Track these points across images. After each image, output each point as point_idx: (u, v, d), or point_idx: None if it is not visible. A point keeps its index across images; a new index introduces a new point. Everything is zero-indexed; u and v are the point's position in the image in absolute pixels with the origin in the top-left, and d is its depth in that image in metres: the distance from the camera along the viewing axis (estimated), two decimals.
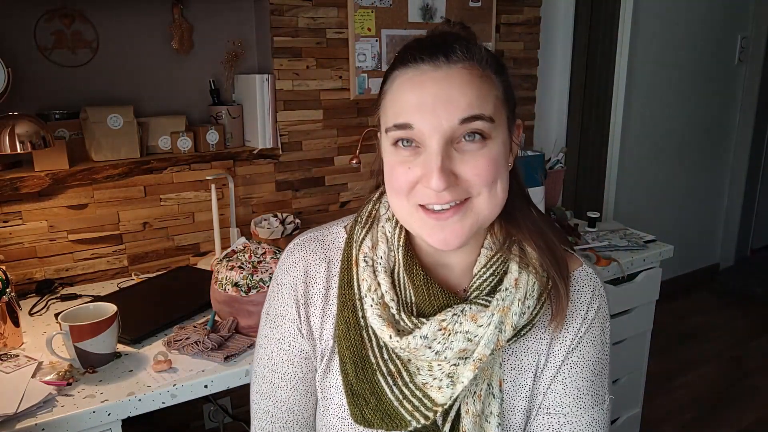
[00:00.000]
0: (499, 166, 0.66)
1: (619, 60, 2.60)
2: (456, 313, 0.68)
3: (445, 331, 0.67)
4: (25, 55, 1.56)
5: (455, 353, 0.67)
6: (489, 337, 0.67)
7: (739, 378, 2.61)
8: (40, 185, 1.54)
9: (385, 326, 0.69)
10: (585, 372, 0.75)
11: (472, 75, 0.64)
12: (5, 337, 1.26)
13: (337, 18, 1.92)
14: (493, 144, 0.65)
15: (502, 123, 0.67)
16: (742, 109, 3.48)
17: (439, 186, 0.62)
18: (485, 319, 0.67)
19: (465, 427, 0.70)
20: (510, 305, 0.68)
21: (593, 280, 0.78)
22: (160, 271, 1.76)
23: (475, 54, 0.65)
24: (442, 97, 0.62)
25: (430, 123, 0.62)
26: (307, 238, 0.80)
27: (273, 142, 1.86)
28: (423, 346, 0.67)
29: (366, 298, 0.71)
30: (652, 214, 3.12)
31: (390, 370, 0.71)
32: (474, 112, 0.63)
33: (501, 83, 0.67)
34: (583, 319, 0.75)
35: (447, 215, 0.65)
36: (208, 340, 1.25)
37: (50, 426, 1.03)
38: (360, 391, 0.72)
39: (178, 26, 1.73)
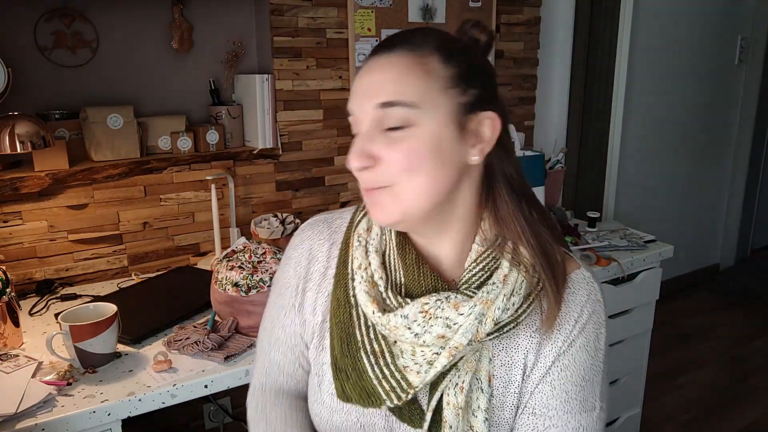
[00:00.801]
0: (420, 154, 0.66)
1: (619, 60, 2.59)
2: (440, 299, 0.70)
3: (426, 315, 0.69)
4: (25, 55, 1.56)
5: (434, 338, 0.69)
6: (467, 327, 0.68)
7: (739, 378, 2.61)
8: (40, 185, 1.54)
9: (370, 302, 0.72)
10: (575, 376, 0.74)
11: (401, 63, 0.66)
12: (5, 337, 1.26)
13: (337, 18, 1.92)
14: (417, 131, 0.65)
15: (437, 112, 0.66)
16: (742, 110, 3.48)
17: (351, 164, 0.67)
18: (467, 308, 0.68)
19: (446, 418, 0.71)
20: (494, 299, 0.69)
21: (589, 283, 0.76)
22: (160, 271, 1.76)
23: (417, 44, 0.67)
24: (370, 83, 0.67)
25: (359, 108, 0.68)
26: (317, 220, 0.87)
27: (273, 142, 1.86)
28: (403, 326, 0.69)
29: (356, 275, 0.75)
30: (652, 214, 3.12)
31: (374, 349, 0.73)
32: (392, 98, 0.65)
33: (447, 72, 0.66)
34: (575, 322, 0.74)
35: (374, 193, 0.69)
36: (208, 340, 1.25)
37: (50, 426, 1.03)
38: (343, 367, 0.75)
39: (178, 26, 1.73)
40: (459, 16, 2.14)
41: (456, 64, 0.67)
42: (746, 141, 3.55)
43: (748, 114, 3.50)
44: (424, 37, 0.68)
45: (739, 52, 3.33)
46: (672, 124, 3.14)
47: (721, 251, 3.71)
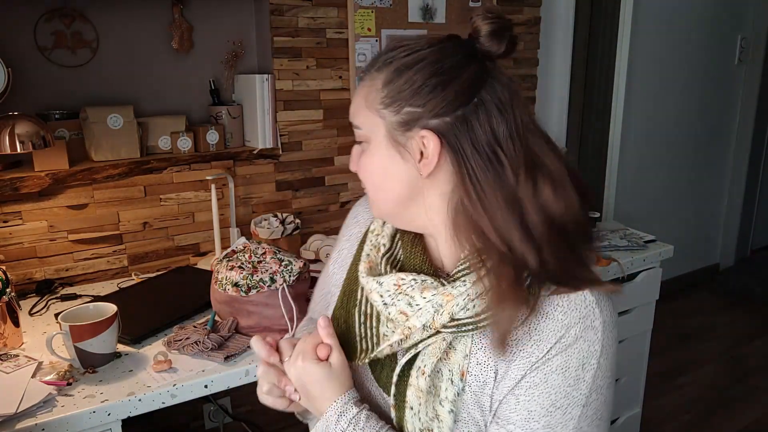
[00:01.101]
0: (371, 170, 0.74)
1: (619, 60, 2.59)
2: (416, 279, 0.73)
3: (398, 288, 0.72)
4: (25, 55, 1.56)
5: (397, 312, 0.72)
6: (424, 311, 0.70)
7: (739, 378, 2.61)
8: (40, 185, 1.54)
9: (365, 263, 0.79)
10: (542, 398, 0.68)
11: (363, 86, 0.74)
12: (5, 337, 1.26)
13: (337, 18, 1.92)
14: (371, 150, 0.74)
15: (377, 131, 0.72)
16: (742, 109, 3.48)
17: (351, 166, 0.79)
18: (430, 294, 0.70)
19: (408, 398, 0.73)
20: (456, 295, 0.69)
21: (588, 307, 0.69)
22: (160, 271, 1.76)
23: (380, 63, 0.72)
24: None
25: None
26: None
27: (273, 142, 1.86)
28: (376, 291, 0.74)
29: (369, 237, 0.83)
30: (652, 214, 3.12)
31: (366, 310, 0.79)
32: (352, 119, 0.75)
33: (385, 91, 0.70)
34: (556, 341, 0.68)
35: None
36: (208, 340, 1.25)
37: (50, 426, 1.03)
38: (337, 316, 0.83)
39: (178, 26, 1.73)
40: (459, 16, 2.14)
41: (397, 83, 0.69)
42: (746, 141, 3.55)
43: (748, 114, 3.50)
44: (387, 56, 0.72)
45: (739, 52, 3.33)
46: (672, 124, 3.14)
47: (721, 251, 3.71)
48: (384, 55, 0.73)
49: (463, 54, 0.70)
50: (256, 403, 0.81)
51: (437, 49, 0.70)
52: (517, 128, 0.69)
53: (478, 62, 0.70)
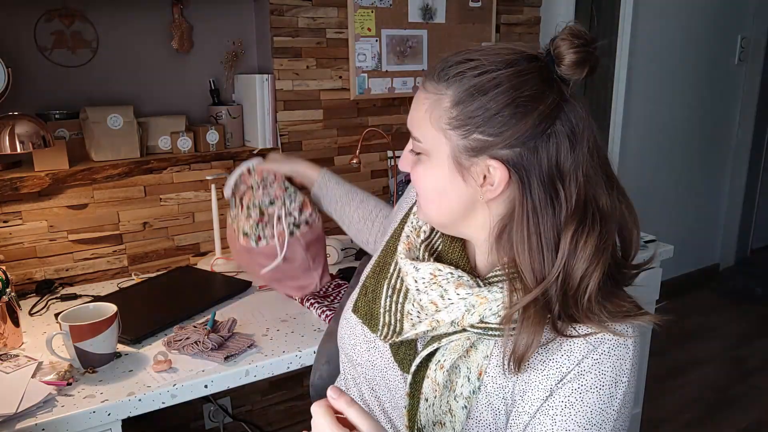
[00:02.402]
0: (426, 184, 0.73)
1: (619, 60, 2.59)
2: (452, 272, 0.72)
3: (434, 278, 0.73)
4: (25, 55, 1.56)
5: (428, 301, 0.73)
6: (454, 309, 0.70)
7: (739, 378, 2.61)
8: (40, 185, 1.54)
9: (405, 243, 0.80)
10: (579, 416, 0.67)
11: (426, 99, 0.70)
12: (5, 337, 1.26)
13: (337, 18, 1.92)
14: (430, 164, 0.71)
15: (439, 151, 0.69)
16: (742, 109, 3.48)
17: (401, 166, 0.77)
18: (464, 292, 0.70)
19: (424, 390, 0.75)
20: (491, 300, 0.68)
21: (618, 340, 0.71)
22: (160, 271, 1.76)
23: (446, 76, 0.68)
24: (411, 110, 0.73)
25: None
26: None
27: (273, 142, 1.86)
28: (411, 276, 0.75)
29: (411, 217, 0.84)
30: (652, 214, 3.12)
31: (395, 284, 0.81)
32: (413, 132, 0.73)
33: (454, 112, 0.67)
34: (587, 355, 0.68)
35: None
36: (208, 340, 1.25)
37: (50, 426, 1.03)
38: (367, 284, 0.85)
39: (178, 26, 1.73)
40: (459, 16, 2.14)
41: (468, 107, 0.66)
42: (746, 141, 3.55)
43: (748, 114, 3.50)
44: (457, 69, 0.67)
45: (739, 51, 3.33)
46: (672, 124, 3.14)
47: (721, 251, 3.71)
48: (453, 67, 0.68)
49: (541, 79, 0.66)
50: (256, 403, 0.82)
51: (514, 73, 0.65)
52: (583, 164, 0.67)
53: (556, 90, 0.66)
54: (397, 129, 2.10)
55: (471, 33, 2.20)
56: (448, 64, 0.69)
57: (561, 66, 0.66)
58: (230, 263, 1.76)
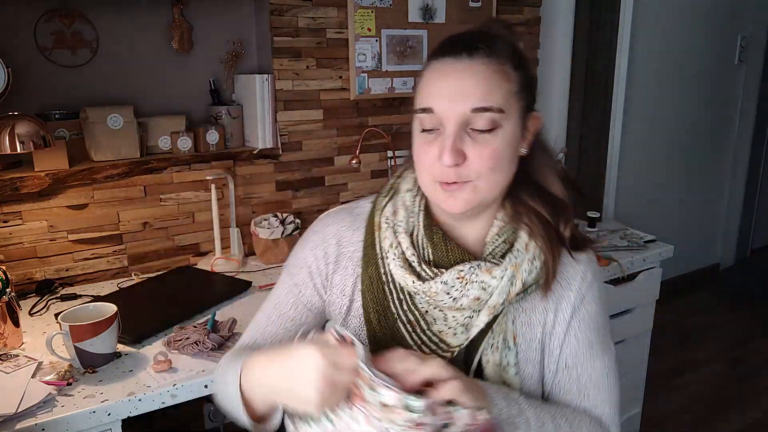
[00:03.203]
0: (502, 154, 0.75)
1: (619, 60, 2.59)
2: (473, 266, 0.77)
3: (462, 280, 0.77)
4: (25, 55, 1.56)
5: (470, 301, 0.77)
6: (502, 288, 0.77)
7: (739, 378, 2.61)
8: (40, 185, 1.54)
9: (408, 274, 0.79)
10: (592, 325, 0.85)
11: (488, 69, 0.73)
12: (5, 337, 1.26)
13: (337, 18, 1.92)
14: (501, 132, 0.74)
15: (513, 114, 0.75)
16: (742, 109, 3.48)
17: (448, 161, 0.73)
18: (499, 272, 0.77)
19: (488, 374, 0.80)
20: (521, 263, 0.78)
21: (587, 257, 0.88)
22: (160, 271, 1.76)
23: (494, 51, 0.74)
24: (459, 87, 0.73)
25: (447, 109, 0.73)
26: (338, 209, 0.93)
27: (273, 142, 1.86)
28: (442, 291, 0.77)
29: (388, 254, 0.81)
30: (652, 214, 3.12)
31: (409, 319, 0.81)
32: (485, 104, 0.72)
33: (518, 77, 0.76)
34: (582, 280, 0.85)
35: (454, 188, 0.76)
36: (208, 340, 1.25)
37: (50, 426, 1.03)
38: (383, 338, 0.82)
39: (178, 26, 1.73)
40: (459, 16, 2.14)
41: (523, 70, 0.77)
42: (746, 141, 3.54)
43: (748, 114, 3.50)
44: (499, 43, 0.76)
45: (739, 51, 3.32)
46: (672, 123, 3.14)
47: (721, 251, 3.71)
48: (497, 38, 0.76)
49: None
50: None
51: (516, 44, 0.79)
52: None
53: None
54: (397, 129, 2.10)
55: None
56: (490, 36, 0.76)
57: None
58: (230, 263, 1.76)
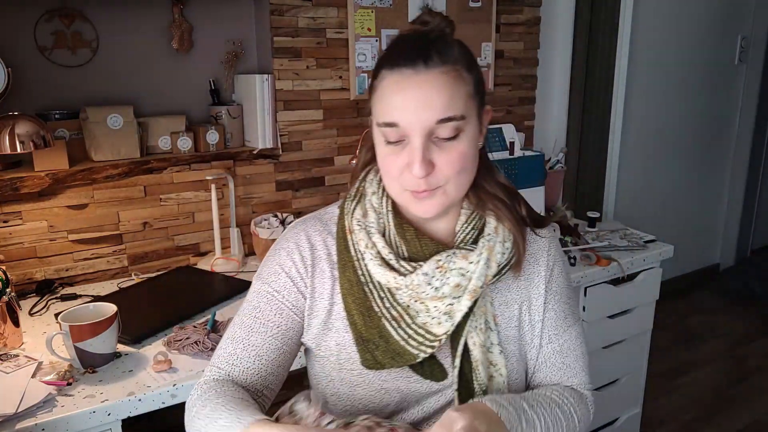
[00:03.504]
0: (467, 155, 0.78)
1: (619, 60, 2.59)
2: (449, 254, 0.81)
3: (441, 269, 0.80)
4: (25, 55, 1.56)
5: (451, 288, 0.80)
6: (480, 272, 0.80)
7: (740, 378, 2.61)
8: (40, 185, 1.54)
9: (387, 271, 0.80)
10: (564, 297, 0.92)
11: (446, 78, 0.74)
12: (5, 337, 1.26)
13: (337, 18, 1.92)
14: (464, 136, 0.77)
15: (473, 115, 0.78)
16: (742, 109, 3.48)
17: (419, 173, 0.75)
18: (475, 257, 0.81)
19: (474, 356, 0.84)
20: (494, 246, 0.82)
21: (550, 230, 0.94)
22: (160, 271, 1.76)
23: (448, 55, 0.75)
24: (422, 100, 0.74)
25: (411, 122, 0.74)
26: (307, 217, 0.93)
27: (273, 142, 1.86)
28: (424, 282, 0.79)
29: (365, 254, 0.83)
30: (652, 214, 3.12)
31: (393, 315, 0.83)
32: (449, 114, 0.74)
33: (472, 78, 0.78)
34: (547, 256, 0.91)
35: (424, 195, 0.78)
36: (208, 340, 1.25)
37: (50, 426, 1.03)
38: (369, 337, 0.83)
39: (178, 26, 1.73)
40: (459, 17, 2.14)
41: (474, 68, 0.78)
42: (746, 141, 3.54)
43: (748, 114, 3.50)
44: (450, 45, 0.77)
45: (739, 52, 3.33)
46: (672, 124, 3.14)
47: (721, 251, 3.71)
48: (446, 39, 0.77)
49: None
50: None
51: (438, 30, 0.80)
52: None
53: None
54: None
55: (471, 33, 2.20)
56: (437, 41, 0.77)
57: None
58: (230, 263, 1.76)
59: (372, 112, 0.80)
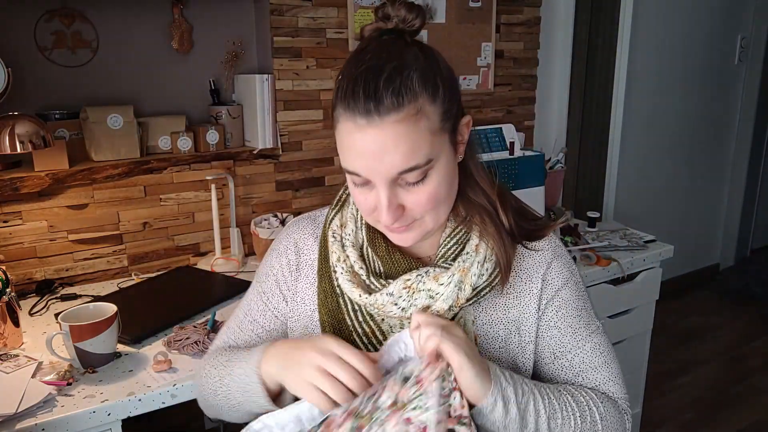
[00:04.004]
0: (440, 190, 0.72)
1: (619, 60, 2.59)
2: (420, 274, 0.77)
3: (409, 290, 0.76)
4: (25, 55, 1.56)
5: (419, 310, 0.75)
6: (448, 294, 0.75)
7: (739, 378, 2.61)
8: (40, 185, 1.54)
9: (354, 287, 0.78)
10: (571, 311, 0.84)
11: (403, 127, 0.67)
12: (5, 337, 1.26)
13: (337, 18, 1.92)
14: (433, 174, 0.71)
15: (442, 149, 0.71)
16: (742, 110, 3.48)
17: (388, 221, 0.72)
18: (446, 278, 0.76)
19: None
20: (470, 267, 0.76)
21: (553, 239, 0.87)
22: (160, 271, 1.76)
23: (406, 95, 0.67)
24: (378, 153, 0.68)
25: (372, 173, 0.69)
26: (303, 217, 0.93)
27: (273, 142, 1.86)
28: (389, 302, 0.76)
29: (336, 267, 0.81)
30: (652, 214, 3.12)
31: (365, 330, 0.80)
32: (410, 164, 0.68)
33: (437, 106, 0.69)
34: (543, 271, 0.84)
35: (399, 230, 0.75)
36: (208, 340, 1.25)
37: (50, 426, 1.03)
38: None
39: (178, 26, 1.73)
40: (459, 16, 2.14)
41: (440, 92, 0.70)
42: (746, 141, 3.54)
43: (748, 114, 3.50)
44: (406, 80, 0.67)
45: (739, 51, 3.33)
46: (672, 123, 3.14)
47: (721, 251, 3.71)
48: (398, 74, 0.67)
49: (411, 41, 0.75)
50: None
51: (417, 48, 0.72)
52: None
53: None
54: None
55: (471, 33, 2.20)
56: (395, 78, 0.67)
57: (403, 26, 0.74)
58: (230, 263, 1.76)
59: (336, 139, 0.74)
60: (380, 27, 0.74)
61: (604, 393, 0.83)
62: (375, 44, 0.72)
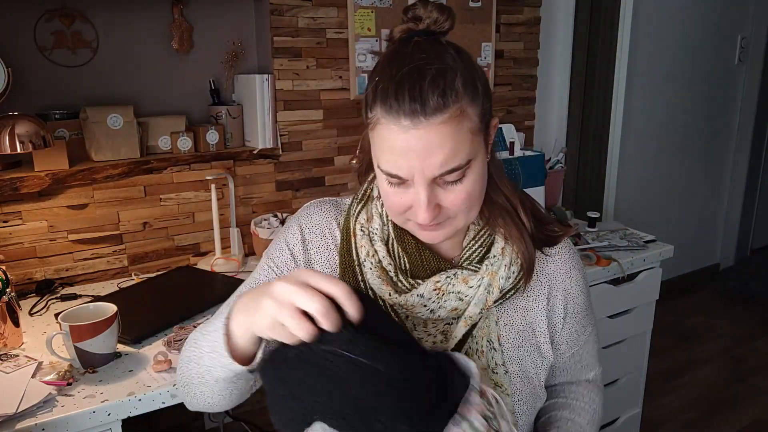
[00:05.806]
0: (475, 190, 0.73)
1: (619, 60, 2.59)
2: (449, 276, 0.77)
3: (439, 291, 0.77)
4: (25, 55, 1.56)
5: (448, 312, 0.77)
6: (479, 298, 0.77)
7: (739, 378, 2.61)
8: (40, 185, 1.54)
9: (384, 285, 0.78)
10: (581, 313, 0.90)
11: (449, 127, 0.67)
12: (5, 337, 1.26)
13: (337, 18, 1.92)
14: (471, 174, 0.71)
15: (480, 149, 0.72)
16: (742, 109, 3.48)
17: (426, 220, 0.71)
18: (476, 281, 0.77)
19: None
20: (497, 270, 0.78)
21: (568, 244, 0.90)
22: (160, 271, 1.76)
23: (450, 96, 0.67)
24: (423, 153, 0.67)
25: (414, 173, 0.69)
26: (325, 200, 0.91)
27: (273, 142, 1.86)
28: (419, 304, 0.76)
29: (365, 263, 0.80)
30: (652, 214, 3.12)
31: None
32: (452, 165, 0.69)
33: (476, 108, 0.70)
34: (565, 275, 0.87)
35: (432, 227, 0.74)
36: None
37: (50, 426, 1.03)
38: None
39: (178, 26, 1.73)
40: (459, 16, 2.13)
41: (480, 93, 0.71)
42: (746, 141, 3.54)
43: (748, 114, 3.50)
44: (450, 82, 0.68)
45: (739, 52, 3.33)
46: (672, 123, 3.14)
47: (721, 251, 3.71)
48: (441, 77, 0.67)
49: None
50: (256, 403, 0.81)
51: (455, 51, 0.73)
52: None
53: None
54: None
55: (471, 33, 2.20)
56: (439, 81, 0.67)
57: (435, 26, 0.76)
58: (230, 263, 1.76)
59: (371, 145, 0.74)
60: (411, 28, 0.74)
61: (589, 382, 0.97)
62: (413, 46, 0.71)
